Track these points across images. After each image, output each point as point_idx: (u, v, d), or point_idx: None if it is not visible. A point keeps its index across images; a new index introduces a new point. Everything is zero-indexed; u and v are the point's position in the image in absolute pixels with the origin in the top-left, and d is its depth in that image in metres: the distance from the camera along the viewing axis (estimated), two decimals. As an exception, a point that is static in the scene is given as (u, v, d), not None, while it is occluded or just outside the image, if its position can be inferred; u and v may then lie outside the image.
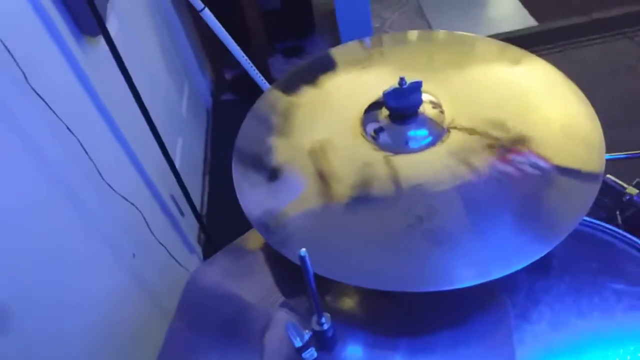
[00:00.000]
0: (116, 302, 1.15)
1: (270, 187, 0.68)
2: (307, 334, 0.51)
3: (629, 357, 0.65)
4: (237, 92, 2.30)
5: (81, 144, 1.02)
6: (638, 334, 0.67)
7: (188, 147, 1.86)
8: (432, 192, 0.61)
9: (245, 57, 2.02)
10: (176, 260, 1.52)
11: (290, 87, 0.81)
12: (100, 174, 1.11)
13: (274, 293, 0.64)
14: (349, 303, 0.61)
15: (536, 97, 0.72)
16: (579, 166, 0.62)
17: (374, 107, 0.70)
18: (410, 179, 0.63)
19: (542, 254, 0.53)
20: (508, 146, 0.65)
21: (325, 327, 0.52)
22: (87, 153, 1.04)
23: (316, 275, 0.50)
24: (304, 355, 0.51)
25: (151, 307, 1.34)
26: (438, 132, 0.65)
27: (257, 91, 2.13)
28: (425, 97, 0.67)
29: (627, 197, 0.82)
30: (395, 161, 0.65)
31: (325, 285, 0.54)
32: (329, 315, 0.52)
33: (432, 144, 0.65)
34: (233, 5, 2.02)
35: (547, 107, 0.71)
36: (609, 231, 0.74)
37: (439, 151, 0.65)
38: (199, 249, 1.72)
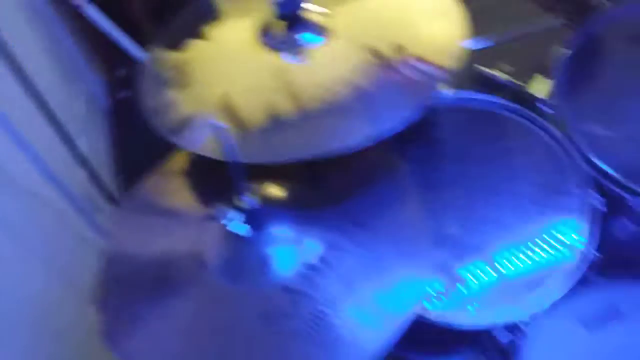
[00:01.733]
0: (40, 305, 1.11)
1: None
2: (239, 215, 0.56)
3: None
4: (134, 89, 2.25)
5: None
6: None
7: (94, 148, 1.81)
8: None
9: (139, 51, 1.99)
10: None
11: (175, 44, 0.83)
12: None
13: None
14: (274, 189, 0.68)
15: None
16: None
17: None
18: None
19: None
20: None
21: (250, 205, 0.57)
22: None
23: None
24: (239, 232, 0.56)
25: (79, 306, 1.30)
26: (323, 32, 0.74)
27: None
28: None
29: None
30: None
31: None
32: (253, 195, 0.58)
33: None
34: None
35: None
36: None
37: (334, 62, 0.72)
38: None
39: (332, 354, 0.55)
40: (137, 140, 2.24)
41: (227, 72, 0.78)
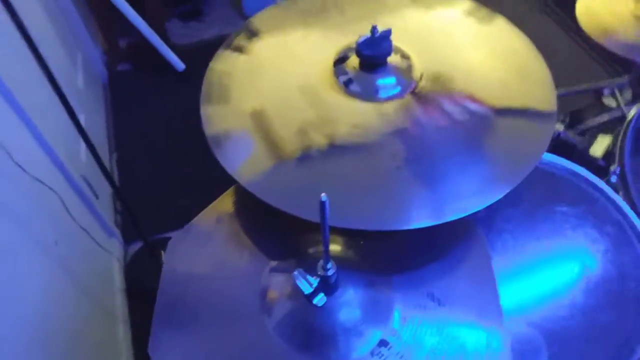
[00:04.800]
0: (44, 295, 1.06)
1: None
2: (315, 280, 0.52)
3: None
4: (133, 61, 2.15)
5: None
6: (585, 249, 0.77)
7: (91, 124, 1.72)
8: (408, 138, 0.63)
9: (144, 22, 1.89)
10: (100, 246, 1.42)
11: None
12: (10, 156, 1.00)
13: (258, 260, 0.64)
14: (344, 250, 0.63)
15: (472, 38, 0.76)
16: (535, 106, 0.67)
17: (340, 60, 0.71)
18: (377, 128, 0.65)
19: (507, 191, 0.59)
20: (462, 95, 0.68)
21: (331, 272, 0.53)
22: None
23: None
24: (314, 301, 0.52)
25: (79, 294, 1.25)
26: (407, 81, 0.68)
27: (156, 59, 2.00)
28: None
29: (556, 134, 0.92)
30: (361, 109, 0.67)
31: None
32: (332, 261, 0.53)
33: (400, 94, 0.67)
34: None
35: (485, 47, 0.75)
36: (549, 162, 0.84)
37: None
38: (117, 232, 1.62)
39: None
40: (132, 116, 2.16)
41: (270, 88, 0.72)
